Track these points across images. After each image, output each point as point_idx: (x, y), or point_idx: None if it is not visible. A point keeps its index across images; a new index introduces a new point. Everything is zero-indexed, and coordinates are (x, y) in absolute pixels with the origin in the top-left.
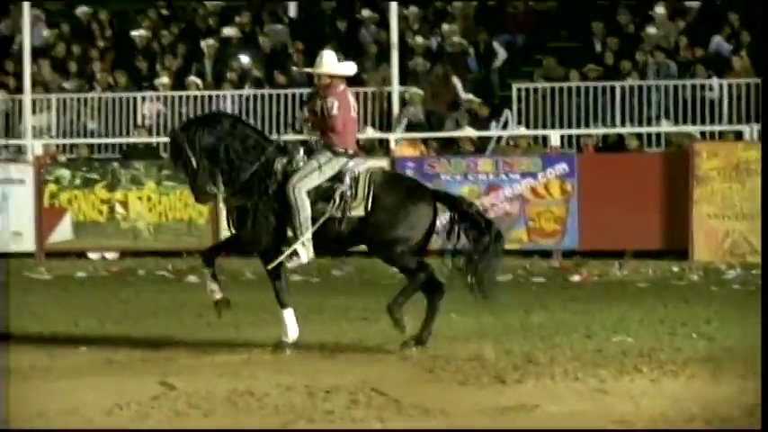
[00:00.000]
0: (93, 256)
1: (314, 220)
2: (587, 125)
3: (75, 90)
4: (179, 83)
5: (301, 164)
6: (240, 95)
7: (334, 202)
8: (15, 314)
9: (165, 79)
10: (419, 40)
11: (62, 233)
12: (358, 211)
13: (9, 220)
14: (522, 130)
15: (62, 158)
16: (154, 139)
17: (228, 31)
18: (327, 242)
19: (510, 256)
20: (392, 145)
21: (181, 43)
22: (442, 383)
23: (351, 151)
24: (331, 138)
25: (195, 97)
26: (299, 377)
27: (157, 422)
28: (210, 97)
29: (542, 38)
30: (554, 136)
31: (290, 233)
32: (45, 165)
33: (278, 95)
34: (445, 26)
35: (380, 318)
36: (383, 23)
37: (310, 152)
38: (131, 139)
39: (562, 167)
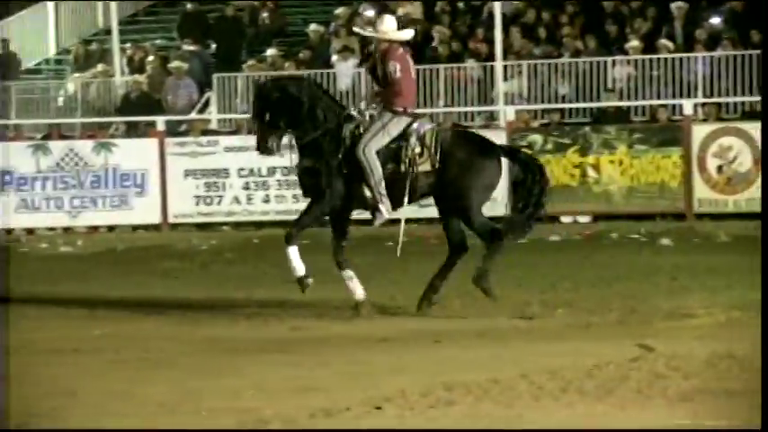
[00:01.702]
0: (565, 219)
1: (385, 179)
2: None
3: (544, 56)
4: (649, 46)
5: (367, 126)
6: (712, 57)
7: (403, 160)
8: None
9: (635, 42)
10: None
11: None
12: (425, 167)
13: None
14: None
15: (534, 124)
16: (624, 103)
17: None
18: (399, 198)
19: None
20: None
21: (650, 6)
22: None
23: (410, 111)
24: (392, 99)
25: (665, 60)
26: None
27: (636, 383)
28: (681, 60)
29: None
30: None
31: (367, 193)
32: (517, 130)
33: (750, 57)
34: None
35: None
36: None
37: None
38: (602, 104)
39: None
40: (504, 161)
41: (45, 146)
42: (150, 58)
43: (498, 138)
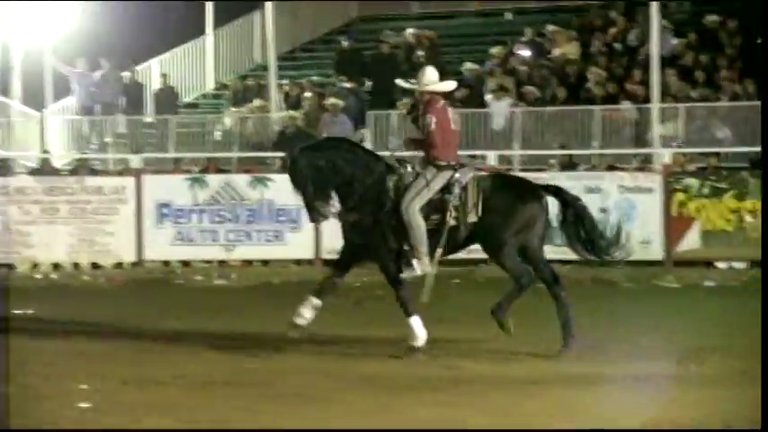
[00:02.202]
0: (720, 265)
1: (429, 232)
2: None
3: (702, 99)
4: None
5: (410, 179)
6: None
7: (449, 212)
8: (644, 320)
9: None
10: None
11: (690, 242)
12: (471, 218)
13: (637, 228)
14: None
15: (690, 167)
16: None
17: None
18: (447, 249)
19: None
20: None
21: None
22: None
23: (453, 163)
24: (433, 153)
25: None
26: None
27: None
28: None
29: None
30: None
31: (405, 246)
32: (673, 173)
33: None
34: None
35: None
36: None
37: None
38: (760, 148)
39: None
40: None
41: (202, 179)
42: (307, 94)
43: (653, 182)
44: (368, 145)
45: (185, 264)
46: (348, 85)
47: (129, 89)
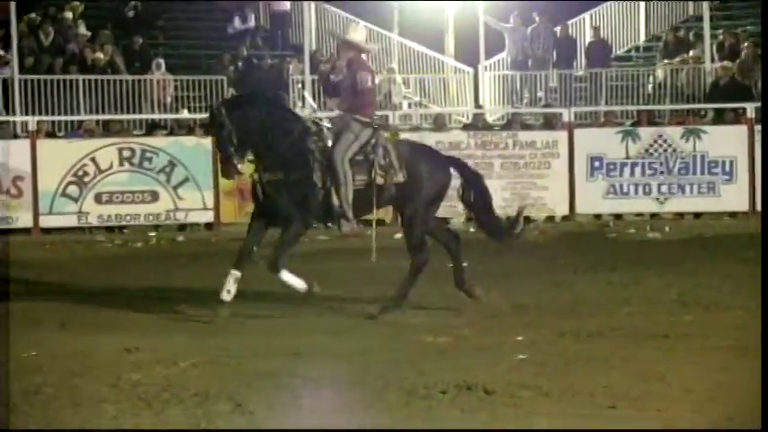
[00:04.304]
0: None
1: (355, 192)
2: None
3: None
4: None
5: (329, 138)
6: None
7: (375, 171)
8: None
9: None
10: None
11: None
12: (399, 178)
13: None
14: None
15: None
16: None
17: None
18: (363, 209)
19: None
20: None
21: None
22: None
23: (374, 121)
24: (362, 109)
25: None
26: None
27: None
28: None
29: None
30: None
31: (335, 202)
32: None
33: None
34: None
35: None
36: None
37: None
38: None
39: None
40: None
41: (634, 132)
42: (744, 44)
43: None
44: None
45: (617, 217)
46: None
47: (561, 43)
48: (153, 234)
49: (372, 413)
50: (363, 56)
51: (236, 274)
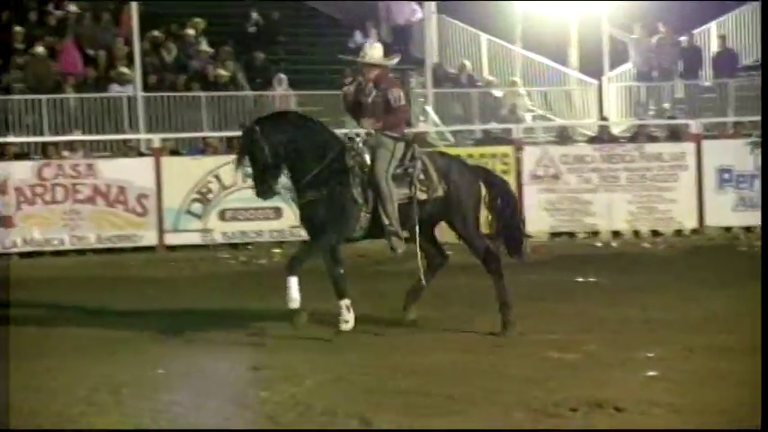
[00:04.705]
0: None
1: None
2: None
3: None
4: None
5: (366, 155)
6: None
7: (415, 186)
8: None
9: None
10: None
11: None
12: (439, 192)
13: None
14: None
15: None
16: None
17: None
18: (404, 224)
19: None
20: None
21: None
22: None
23: (406, 136)
24: (395, 126)
25: None
26: None
27: None
28: None
29: None
30: None
31: (384, 221)
32: None
33: None
34: None
35: None
36: None
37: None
38: None
39: None
40: None
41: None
42: None
43: None
44: None
45: (747, 229)
46: None
47: (687, 53)
48: (277, 251)
49: None
50: (389, 72)
51: (346, 302)
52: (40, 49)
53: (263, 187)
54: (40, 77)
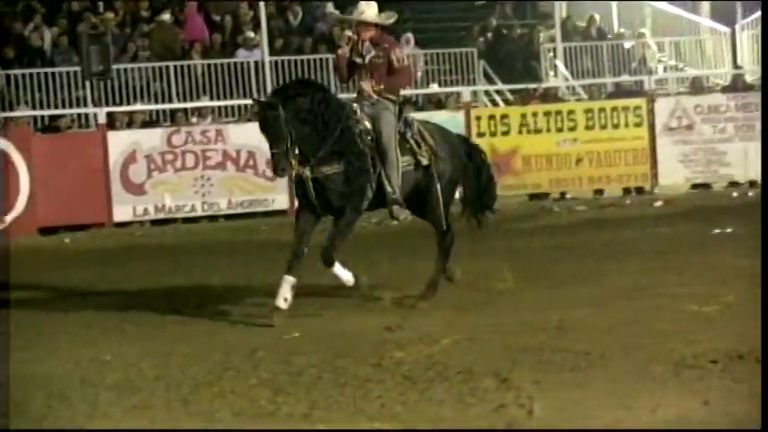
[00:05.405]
0: None
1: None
2: None
3: None
4: None
5: (366, 121)
6: None
7: (417, 151)
8: None
9: None
10: None
11: None
12: (425, 160)
13: None
14: None
15: None
16: None
17: None
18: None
19: None
20: None
21: None
22: None
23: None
24: (399, 88)
25: None
26: None
27: None
28: None
29: None
30: None
31: (388, 188)
32: None
33: None
34: None
35: None
36: None
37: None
38: None
39: None
40: None
41: None
42: None
43: None
44: None
45: None
46: None
47: None
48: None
49: (640, 386)
50: (382, 32)
51: (290, 280)
52: (165, 17)
53: (284, 164)
54: (167, 45)
